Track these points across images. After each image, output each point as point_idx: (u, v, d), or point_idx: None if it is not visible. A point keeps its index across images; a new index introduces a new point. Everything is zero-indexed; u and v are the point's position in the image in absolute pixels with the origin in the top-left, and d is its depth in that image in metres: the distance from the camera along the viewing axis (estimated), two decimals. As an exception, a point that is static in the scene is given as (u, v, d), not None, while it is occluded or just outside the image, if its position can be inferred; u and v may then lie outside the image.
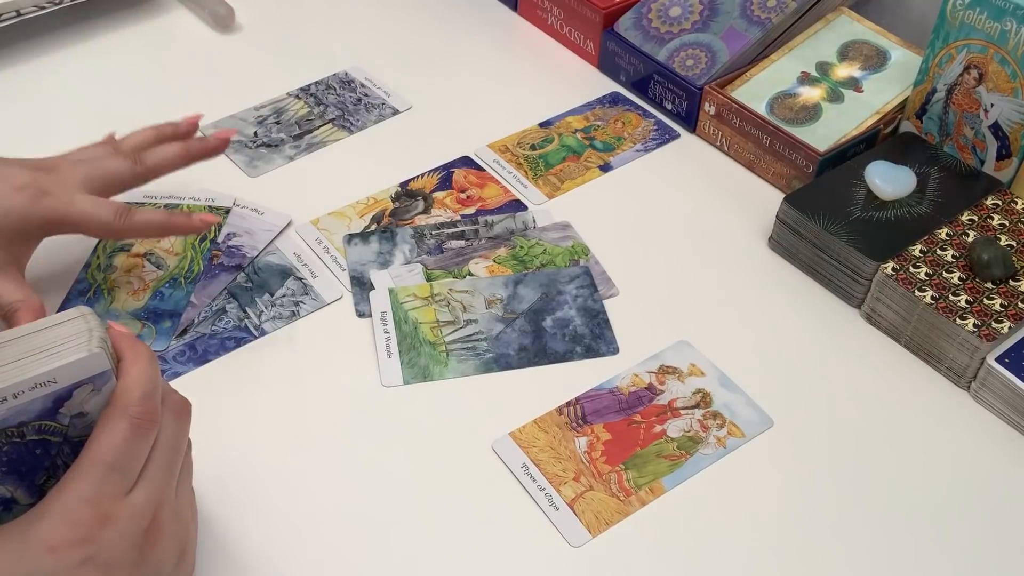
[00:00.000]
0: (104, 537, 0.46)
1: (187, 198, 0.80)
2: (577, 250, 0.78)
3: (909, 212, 0.76)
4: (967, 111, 0.79)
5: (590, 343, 0.71)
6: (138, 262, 0.75)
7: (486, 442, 0.65)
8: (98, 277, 0.74)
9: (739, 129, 0.86)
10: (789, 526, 0.62)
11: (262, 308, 0.73)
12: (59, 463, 0.48)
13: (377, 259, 0.77)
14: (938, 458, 0.66)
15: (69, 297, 0.73)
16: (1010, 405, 0.67)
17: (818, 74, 0.89)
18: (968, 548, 0.61)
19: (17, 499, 0.48)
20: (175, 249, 0.76)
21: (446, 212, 0.81)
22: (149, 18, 1.02)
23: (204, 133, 0.88)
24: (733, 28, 0.91)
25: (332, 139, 0.88)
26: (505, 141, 0.89)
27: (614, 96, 0.94)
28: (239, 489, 0.62)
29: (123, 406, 0.47)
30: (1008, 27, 0.74)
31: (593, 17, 0.95)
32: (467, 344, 0.71)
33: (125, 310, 0.72)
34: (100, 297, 0.73)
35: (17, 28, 0.96)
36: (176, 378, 0.68)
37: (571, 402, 0.68)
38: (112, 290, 0.73)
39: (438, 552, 0.59)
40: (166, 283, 0.74)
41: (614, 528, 0.61)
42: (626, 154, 0.88)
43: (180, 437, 0.51)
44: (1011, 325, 0.68)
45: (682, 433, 0.66)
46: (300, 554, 0.59)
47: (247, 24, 1.02)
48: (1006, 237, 0.74)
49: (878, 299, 0.72)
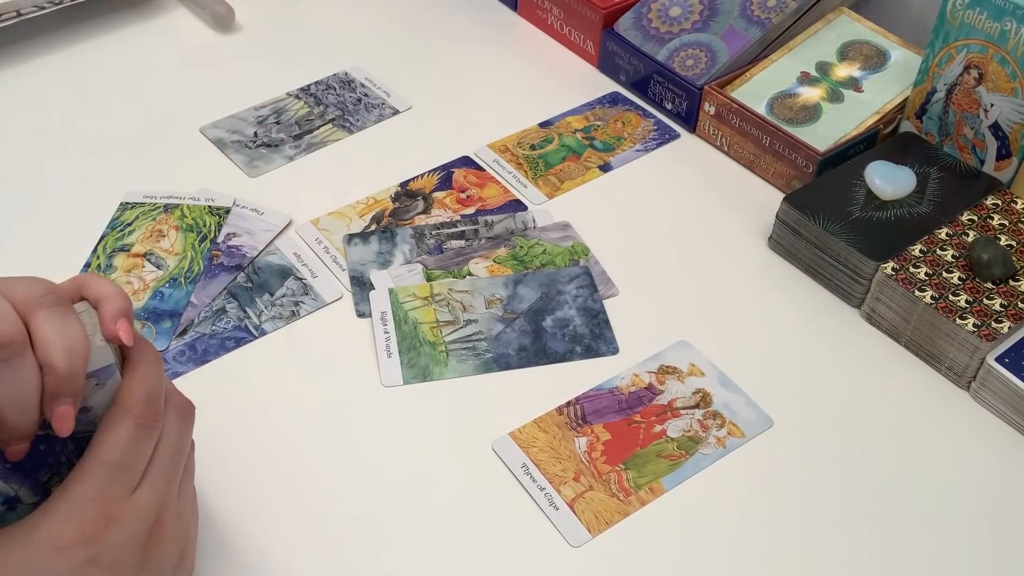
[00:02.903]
0: (109, 537, 0.46)
1: (187, 198, 0.80)
2: (577, 250, 0.78)
3: (909, 212, 0.76)
4: (967, 111, 0.79)
5: (590, 343, 0.71)
6: (138, 262, 0.75)
7: (486, 442, 0.65)
8: None
9: (739, 129, 0.86)
10: (789, 526, 0.62)
11: (262, 308, 0.73)
12: (63, 460, 0.48)
13: (377, 259, 0.77)
14: (938, 458, 0.66)
15: None
16: (1010, 405, 0.67)
17: (818, 74, 0.89)
18: (968, 548, 0.61)
19: (21, 497, 0.48)
20: (175, 249, 0.76)
21: (446, 212, 0.82)
22: (149, 18, 1.02)
23: (205, 134, 0.88)
24: (733, 28, 0.91)
25: (332, 139, 0.88)
26: (505, 141, 0.89)
27: (614, 96, 0.94)
28: (239, 489, 0.62)
29: (128, 406, 0.47)
30: (1008, 27, 0.74)
31: (593, 17, 0.96)
32: (467, 344, 0.71)
33: (125, 310, 0.72)
34: None
35: (17, 28, 0.96)
36: (176, 378, 0.68)
37: (571, 402, 0.68)
38: None
39: (438, 552, 0.59)
40: (166, 283, 0.74)
41: (614, 528, 0.61)
42: (626, 154, 0.88)
43: (184, 438, 0.51)
44: (1011, 325, 0.68)
45: (682, 433, 0.66)
46: (300, 554, 0.59)
47: (247, 24, 1.02)
48: (1006, 237, 0.74)
49: (878, 299, 0.73)
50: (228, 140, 0.87)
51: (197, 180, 0.82)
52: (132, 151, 0.86)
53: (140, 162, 0.85)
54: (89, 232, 0.77)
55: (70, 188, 0.82)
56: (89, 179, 0.83)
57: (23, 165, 0.83)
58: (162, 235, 0.77)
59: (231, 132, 0.88)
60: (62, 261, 0.75)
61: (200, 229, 0.78)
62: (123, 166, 0.84)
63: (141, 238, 0.77)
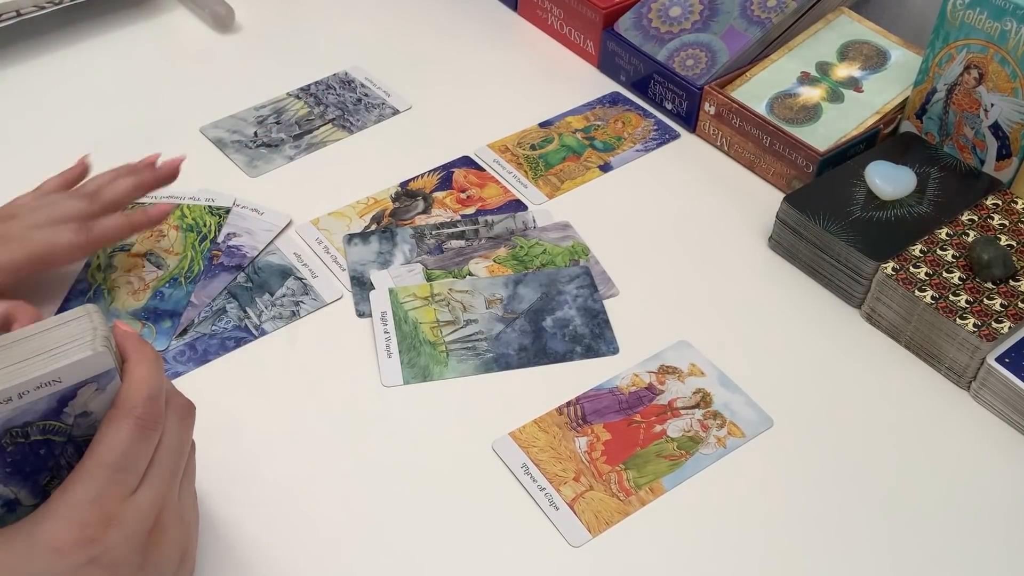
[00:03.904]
0: (109, 538, 0.46)
1: (187, 198, 0.80)
2: (577, 250, 0.78)
3: (909, 212, 0.76)
4: (967, 111, 0.79)
5: (590, 343, 0.71)
6: (138, 262, 0.75)
7: (486, 442, 0.65)
8: (98, 277, 0.74)
9: (739, 129, 0.86)
10: (789, 526, 0.62)
11: (262, 308, 0.73)
12: (63, 463, 0.48)
13: (377, 259, 0.77)
14: (938, 458, 0.66)
15: (69, 297, 0.73)
16: (1010, 405, 0.67)
17: (818, 74, 0.89)
18: (968, 548, 0.61)
19: (21, 500, 0.48)
20: (175, 249, 0.76)
21: (446, 212, 0.82)
22: (149, 18, 1.02)
23: (205, 134, 0.88)
24: (733, 28, 0.91)
25: (332, 139, 0.88)
26: (505, 141, 0.89)
27: (614, 96, 0.94)
28: (239, 489, 0.62)
29: (127, 407, 0.47)
30: (1008, 27, 0.74)
31: (593, 17, 0.96)
32: (467, 344, 0.71)
33: (125, 310, 0.72)
34: (100, 297, 0.73)
35: (17, 28, 0.96)
36: (176, 378, 0.68)
37: (571, 402, 0.68)
38: (112, 290, 0.73)
39: (438, 552, 0.59)
40: (166, 283, 0.74)
41: (614, 528, 0.61)
42: (626, 154, 0.88)
43: (184, 439, 0.51)
44: (1011, 325, 0.68)
45: (682, 433, 0.66)
46: (300, 554, 0.59)
47: (247, 24, 1.02)
48: (1006, 237, 0.74)
49: (878, 299, 0.73)
50: (228, 140, 0.87)
51: (197, 180, 0.82)
52: (132, 151, 0.85)
53: (140, 162, 0.85)
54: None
55: (70, 188, 0.82)
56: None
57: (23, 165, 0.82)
58: (162, 235, 0.77)
59: (231, 132, 0.88)
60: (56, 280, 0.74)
61: (200, 229, 0.78)
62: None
63: (141, 238, 0.77)
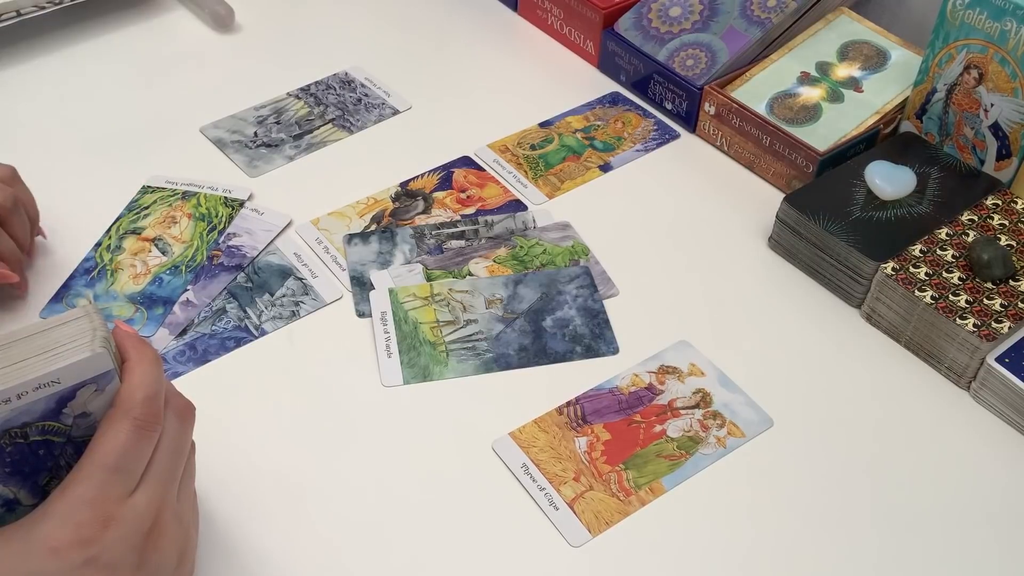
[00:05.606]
0: (106, 538, 0.46)
1: (206, 187, 0.81)
2: (577, 250, 0.78)
3: (909, 212, 0.76)
4: (967, 111, 0.79)
5: (590, 343, 0.71)
6: (146, 246, 0.76)
7: (486, 442, 0.65)
8: (105, 257, 0.75)
9: (739, 129, 0.86)
10: (789, 526, 0.62)
11: (262, 308, 0.73)
12: (62, 464, 0.48)
13: (377, 259, 0.77)
14: (938, 458, 0.66)
15: (75, 274, 0.74)
16: (1010, 405, 0.67)
17: (818, 74, 0.89)
18: (968, 548, 0.61)
19: (20, 500, 0.48)
20: (184, 237, 0.77)
21: (446, 212, 0.82)
22: (149, 18, 1.02)
23: (205, 134, 0.88)
24: (733, 28, 0.91)
25: (332, 139, 0.88)
26: (505, 141, 0.89)
27: (614, 96, 0.94)
28: (239, 489, 0.62)
29: (126, 408, 0.47)
30: (1008, 27, 0.74)
31: (593, 17, 0.96)
32: (467, 344, 0.71)
33: (123, 292, 0.73)
34: (103, 276, 0.74)
35: (17, 28, 0.96)
36: (176, 378, 0.68)
37: (571, 402, 0.68)
38: (115, 271, 0.74)
39: (438, 552, 0.59)
40: (167, 270, 0.74)
41: (614, 528, 0.61)
42: (626, 154, 0.88)
43: (183, 440, 0.51)
44: (1011, 325, 0.68)
45: (682, 433, 0.66)
46: (300, 554, 0.59)
47: (247, 24, 1.02)
48: (1006, 237, 0.74)
49: (878, 299, 0.73)
50: (228, 140, 0.87)
51: (197, 180, 0.82)
52: (132, 151, 0.86)
53: (140, 162, 0.84)
54: (89, 233, 0.77)
55: (70, 189, 0.82)
56: (89, 179, 0.83)
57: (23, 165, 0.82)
58: (174, 221, 0.78)
59: (231, 132, 0.88)
60: (61, 261, 0.75)
61: (211, 219, 0.78)
62: (123, 166, 0.84)
63: (154, 222, 0.78)
